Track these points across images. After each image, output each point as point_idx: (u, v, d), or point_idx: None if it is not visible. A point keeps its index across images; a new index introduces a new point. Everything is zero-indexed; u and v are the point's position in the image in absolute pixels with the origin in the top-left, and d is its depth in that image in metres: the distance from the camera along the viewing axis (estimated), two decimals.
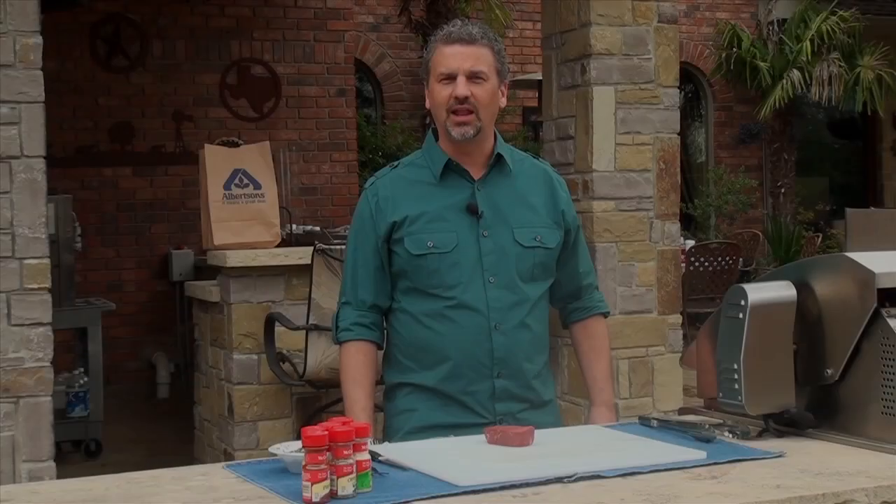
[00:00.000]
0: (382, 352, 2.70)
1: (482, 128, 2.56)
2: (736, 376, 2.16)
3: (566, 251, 2.70)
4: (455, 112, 2.53)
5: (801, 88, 11.86)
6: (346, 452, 1.80)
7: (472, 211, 2.57)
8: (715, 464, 1.99)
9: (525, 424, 2.29)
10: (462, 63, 2.52)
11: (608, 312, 2.84)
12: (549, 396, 2.68)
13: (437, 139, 2.65)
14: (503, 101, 2.63)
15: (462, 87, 2.52)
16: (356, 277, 2.63)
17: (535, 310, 2.61)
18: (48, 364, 4.18)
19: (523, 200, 2.63)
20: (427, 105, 2.64)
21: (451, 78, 2.53)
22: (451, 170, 2.60)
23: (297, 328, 4.93)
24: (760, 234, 11.40)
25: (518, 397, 2.57)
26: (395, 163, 2.71)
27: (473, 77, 2.53)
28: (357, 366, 2.60)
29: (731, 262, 8.83)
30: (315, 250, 4.86)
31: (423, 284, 2.56)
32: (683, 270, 7.68)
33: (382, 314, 2.66)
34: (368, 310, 2.63)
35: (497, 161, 2.62)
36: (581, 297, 2.77)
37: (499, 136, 2.66)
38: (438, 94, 2.56)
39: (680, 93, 5.67)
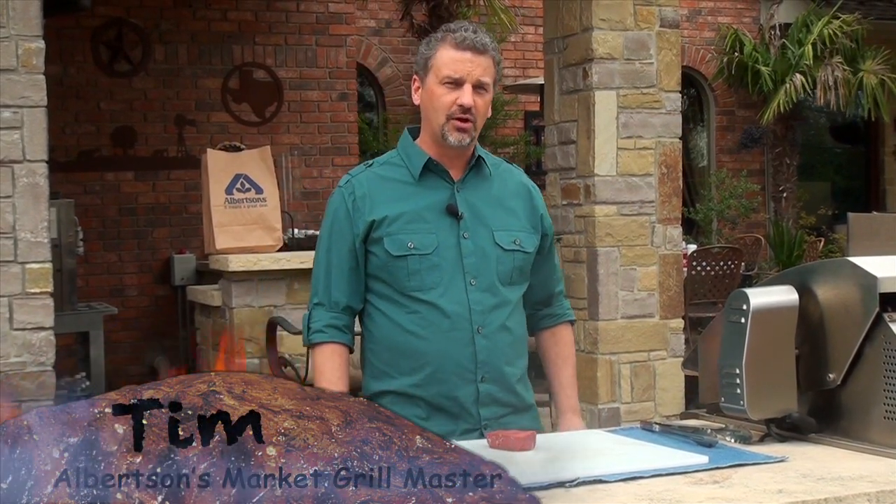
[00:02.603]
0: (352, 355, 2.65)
1: (475, 136, 2.54)
2: (738, 381, 2.15)
3: (541, 257, 2.66)
4: (457, 119, 2.49)
5: (805, 93, 11.86)
6: None
7: (453, 212, 2.52)
8: (717, 468, 1.98)
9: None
10: (472, 71, 2.47)
11: (575, 321, 2.82)
12: (531, 401, 2.65)
13: (414, 138, 2.60)
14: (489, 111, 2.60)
15: (468, 97, 2.47)
16: (330, 278, 2.57)
17: (515, 313, 2.58)
18: (50, 368, 4.18)
19: (501, 203, 2.59)
20: (415, 101, 2.58)
21: (456, 84, 2.48)
22: (430, 170, 2.55)
23: (299, 332, 4.92)
24: (762, 238, 11.38)
25: (501, 402, 2.53)
26: (370, 161, 2.64)
27: (479, 87, 2.49)
28: (333, 369, 2.55)
29: (733, 266, 8.81)
30: None
31: (402, 286, 2.50)
32: (685, 275, 7.67)
33: (354, 316, 2.61)
34: (342, 311, 2.57)
35: (476, 163, 2.59)
36: (552, 304, 2.75)
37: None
38: (440, 98, 2.49)
39: (682, 97, 5.67)
